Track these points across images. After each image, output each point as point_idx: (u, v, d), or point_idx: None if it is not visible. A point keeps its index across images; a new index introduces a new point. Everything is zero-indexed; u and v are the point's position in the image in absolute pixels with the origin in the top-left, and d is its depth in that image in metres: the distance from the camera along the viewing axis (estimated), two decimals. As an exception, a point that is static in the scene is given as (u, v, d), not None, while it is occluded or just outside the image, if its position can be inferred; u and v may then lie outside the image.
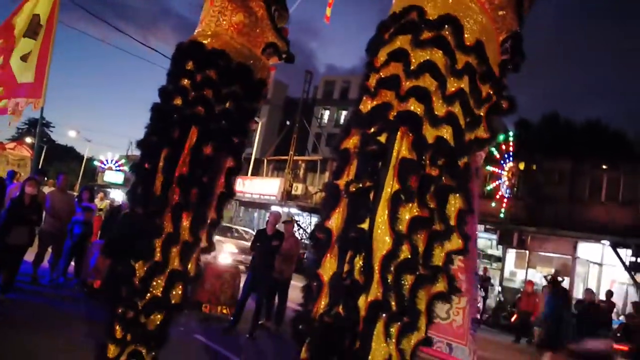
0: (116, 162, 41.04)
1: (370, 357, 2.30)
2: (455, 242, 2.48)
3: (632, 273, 15.62)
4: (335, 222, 2.44)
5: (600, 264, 17.57)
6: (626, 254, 15.80)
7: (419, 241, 2.40)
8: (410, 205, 2.39)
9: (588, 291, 15.00)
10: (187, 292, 3.69)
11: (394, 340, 2.34)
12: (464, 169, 2.51)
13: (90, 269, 8.07)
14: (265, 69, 4.05)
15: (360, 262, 2.33)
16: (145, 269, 3.46)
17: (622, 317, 14.14)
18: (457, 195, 2.49)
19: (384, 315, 2.30)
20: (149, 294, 3.47)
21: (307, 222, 25.11)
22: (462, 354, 6.04)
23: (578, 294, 16.38)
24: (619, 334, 12.96)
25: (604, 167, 17.61)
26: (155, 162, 3.59)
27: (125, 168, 37.83)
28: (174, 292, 3.54)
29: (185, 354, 5.95)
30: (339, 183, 2.48)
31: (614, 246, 16.06)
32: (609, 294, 15.03)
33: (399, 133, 2.44)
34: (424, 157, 2.42)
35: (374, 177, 2.39)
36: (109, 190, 32.93)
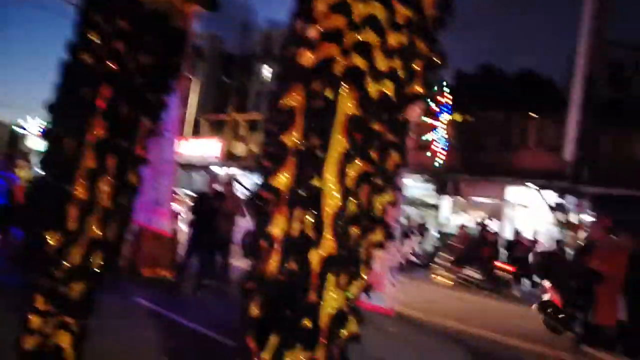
0: (41, 126, 38.78)
1: (322, 308, 2.38)
2: (391, 194, 2.59)
3: (555, 213, 16.66)
4: (282, 180, 2.44)
5: (527, 207, 18.60)
6: (550, 196, 16.78)
7: (362, 195, 2.47)
8: (357, 161, 2.43)
9: (516, 232, 16.06)
10: (113, 259, 3.54)
11: (343, 290, 2.44)
12: (403, 123, 2.57)
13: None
14: (186, 17, 3.68)
15: (311, 219, 2.38)
16: (58, 237, 3.26)
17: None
18: (396, 149, 2.56)
19: (335, 267, 2.38)
20: (66, 263, 3.28)
21: (249, 182, 24.94)
22: (380, 300, 6.38)
23: (508, 234, 17.39)
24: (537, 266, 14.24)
25: (533, 115, 18.39)
26: (65, 125, 3.35)
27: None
28: (94, 260, 3.37)
29: (129, 318, 5.89)
30: (284, 140, 2.47)
31: (540, 189, 17.00)
32: (535, 233, 16.09)
33: (343, 88, 2.44)
34: (369, 113, 2.45)
35: (322, 134, 2.40)
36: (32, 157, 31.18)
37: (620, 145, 16.59)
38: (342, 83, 2.43)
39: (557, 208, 16.55)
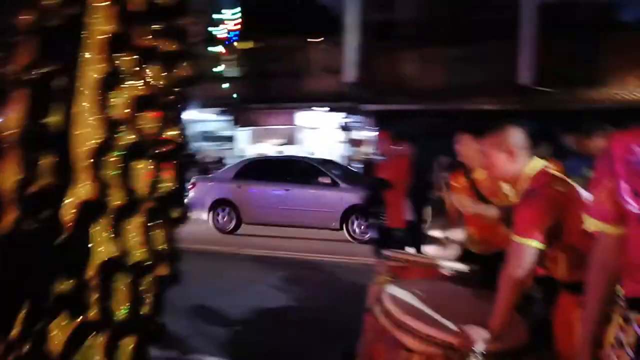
0: None
1: (93, 258, 1.97)
2: (176, 128, 2.24)
3: (343, 132, 17.84)
4: (7, 120, 1.90)
5: (318, 129, 19.57)
6: (338, 116, 17.82)
7: (145, 122, 2.08)
8: (125, 84, 2.01)
9: (311, 154, 16.81)
10: None
11: (134, 234, 2.08)
12: (182, 31, 2.19)
13: None
14: None
15: (53, 161, 1.91)
16: None
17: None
18: (184, 59, 2.19)
19: (101, 214, 1.97)
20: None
21: None
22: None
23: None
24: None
25: (312, 39, 18.95)
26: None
27: None
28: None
29: None
30: (9, 70, 1.91)
31: (328, 111, 17.92)
32: (327, 153, 17.07)
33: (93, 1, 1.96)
34: (133, 27, 2.02)
35: (63, 59, 1.90)
36: None
37: (392, 64, 18.11)
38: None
39: (344, 127, 17.71)
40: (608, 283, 1.49)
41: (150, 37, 2.08)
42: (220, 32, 18.40)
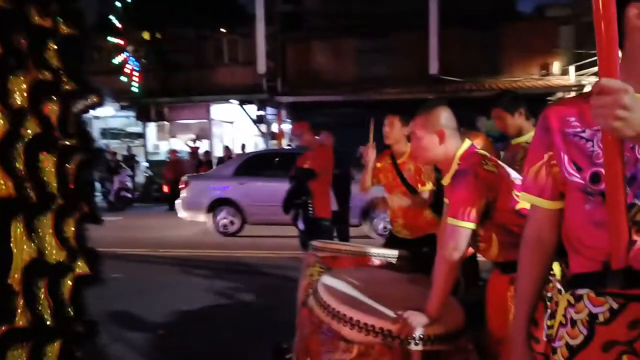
0: None
1: (15, 261, 1.74)
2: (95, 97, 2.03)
3: (258, 125, 17.61)
4: None
5: (232, 122, 19.20)
6: (252, 109, 17.56)
7: (42, 112, 1.85)
8: (25, 71, 1.77)
9: (226, 148, 16.49)
10: None
11: (50, 231, 1.87)
12: (80, 13, 1.96)
13: None
14: None
15: None
16: None
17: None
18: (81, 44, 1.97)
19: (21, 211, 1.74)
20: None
21: None
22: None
23: (220, 152, 17.77)
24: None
25: (223, 30, 18.51)
26: None
27: None
28: None
29: None
30: None
31: (241, 104, 17.61)
32: (243, 147, 16.80)
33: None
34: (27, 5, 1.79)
35: None
36: None
37: (303, 55, 18.12)
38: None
39: (259, 120, 17.47)
40: (542, 260, 1.49)
41: (47, 17, 1.85)
42: (119, 21, 17.41)
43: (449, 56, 16.39)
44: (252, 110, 17.53)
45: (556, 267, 2.00)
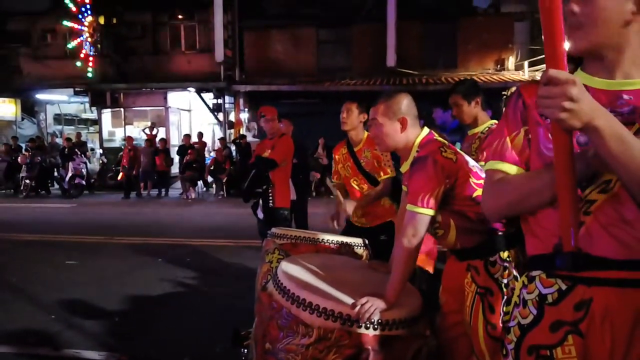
0: None
1: None
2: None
3: (215, 114, 17.36)
4: None
5: (189, 110, 18.86)
6: (209, 97, 17.29)
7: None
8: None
9: (186, 136, 16.24)
10: None
11: None
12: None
13: None
14: None
15: None
16: None
17: (212, 153, 15.87)
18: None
19: None
20: None
21: None
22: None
23: (176, 140, 17.45)
24: (212, 168, 14.80)
25: (181, 17, 18.10)
26: None
27: None
28: None
29: None
30: None
31: (199, 92, 17.31)
32: (200, 135, 16.55)
33: None
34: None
35: None
36: None
37: (261, 44, 17.93)
38: None
39: (216, 108, 17.22)
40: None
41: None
42: (74, 4, 16.78)
43: (407, 49, 16.56)
44: (210, 98, 17.27)
45: (512, 254, 2.07)
